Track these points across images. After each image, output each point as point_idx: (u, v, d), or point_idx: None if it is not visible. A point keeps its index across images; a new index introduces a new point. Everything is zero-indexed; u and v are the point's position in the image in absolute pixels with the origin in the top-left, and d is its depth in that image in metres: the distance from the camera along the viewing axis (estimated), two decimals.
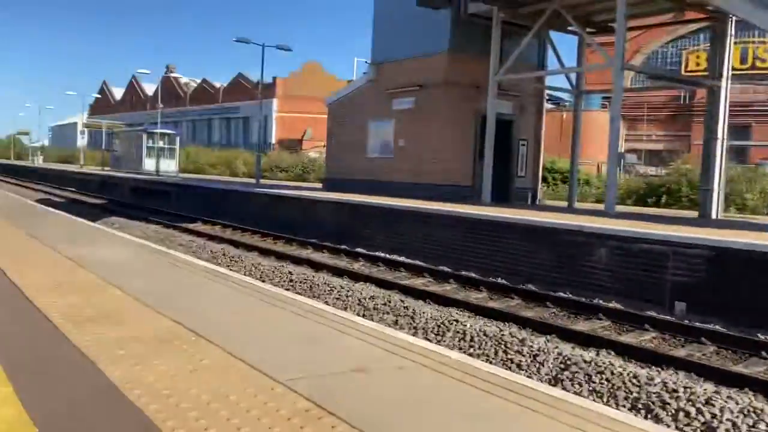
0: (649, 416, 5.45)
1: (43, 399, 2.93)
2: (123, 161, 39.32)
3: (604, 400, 5.80)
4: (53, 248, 7.52)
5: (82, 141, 62.32)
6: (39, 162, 66.72)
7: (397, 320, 8.52)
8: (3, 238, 8.22)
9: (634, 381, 5.96)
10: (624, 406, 5.64)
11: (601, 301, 9.79)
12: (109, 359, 3.52)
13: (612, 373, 6.16)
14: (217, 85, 65.40)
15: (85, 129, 57.30)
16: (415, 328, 8.17)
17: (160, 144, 36.37)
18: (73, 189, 35.88)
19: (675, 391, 5.66)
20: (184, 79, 69.45)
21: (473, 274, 11.90)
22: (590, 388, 6.04)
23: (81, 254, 7.17)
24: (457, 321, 8.08)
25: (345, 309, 9.16)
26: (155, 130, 37.18)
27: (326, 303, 9.38)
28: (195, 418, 2.78)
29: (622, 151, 42.25)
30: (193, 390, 3.12)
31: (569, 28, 18.44)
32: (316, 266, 12.54)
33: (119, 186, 31.47)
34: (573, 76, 19.49)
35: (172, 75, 64.24)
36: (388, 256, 13.72)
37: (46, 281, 5.55)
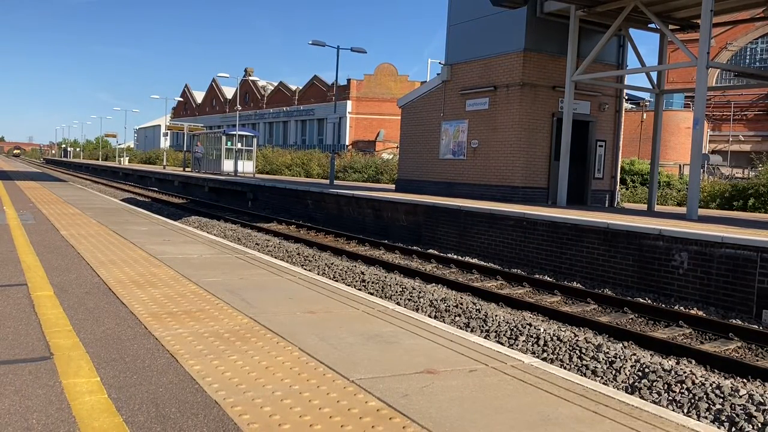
0: (733, 429, 5.21)
1: (126, 389, 3.06)
2: (203, 162, 40.59)
3: (685, 410, 5.59)
4: (136, 245, 7.84)
5: (165, 143, 64.77)
6: (125, 163, 69.78)
7: (468, 322, 8.47)
8: (91, 235, 8.64)
9: (717, 392, 5.71)
10: (706, 418, 5.42)
11: (681, 308, 9.45)
12: (189, 353, 3.64)
13: (693, 383, 5.93)
14: (293, 87, 66.72)
15: (168, 131, 59.49)
16: (487, 331, 8.10)
17: (239, 146, 37.34)
18: (156, 189, 37.31)
19: (762, 404, 5.40)
20: (261, 82, 71.18)
21: (548, 278, 11.71)
22: (669, 398, 5.83)
23: (162, 251, 7.45)
24: (530, 325, 7.95)
25: (416, 310, 9.18)
26: (234, 132, 38.19)
27: (398, 303, 9.41)
28: (269, 414, 2.85)
29: (706, 152, 40.66)
30: (268, 386, 3.19)
31: (650, 25, 17.88)
32: (389, 267, 12.60)
33: (199, 186, 32.51)
34: (654, 74, 18.87)
35: (250, 78, 65.88)
36: (460, 258, 13.65)
37: (130, 276, 5.79)
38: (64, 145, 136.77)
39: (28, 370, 3.25)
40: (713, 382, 5.91)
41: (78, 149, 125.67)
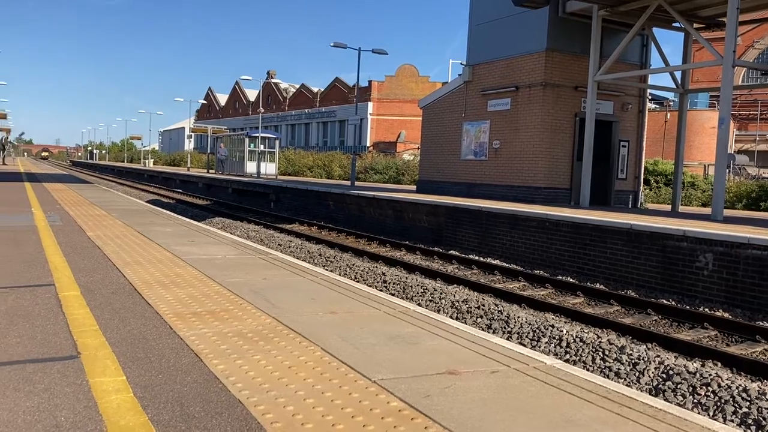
0: None
1: (152, 388, 3.10)
2: (226, 164, 40.92)
3: (710, 413, 5.52)
4: (161, 245, 7.93)
5: (189, 145, 65.34)
6: (149, 165, 70.49)
7: (490, 324, 8.44)
8: (117, 236, 8.75)
9: (744, 395, 5.64)
10: (732, 421, 5.36)
11: (706, 310, 9.34)
12: (213, 353, 3.68)
13: (719, 386, 5.86)
14: (315, 89, 66.99)
15: (192, 134, 60.03)
16: (509, 332, 8.07)
17: (261, 148, 37.58)
18: (180, 190, 37.66)
19: None
20: (283, 84, 71.55)
21: (570, 279, 11.63)
22: (694, 401, 5.77)
23: (187, 251, 7.53)
24: (552, 326, 7.91)
25: (438, 311, 9.17)
26: (256, 134, 38.44)
27: (419, 304, 9.42)
28: (292, 413, 2.87)
29: (732, 152, 40.08)
30: (291, 385, 3.22)
31: (674, 24, 17.69)
32: (410, 268, 12.60)
33: (222, 188, 32.76)
34: (678, 74, 18.66)
35: (273, 80, 66.21)
36: (482, 259, 13.61)
37: (155, 276, 5.86)
38: (90, 148, 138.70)
39: (56, 369, 3.31)
40: (740, 384, 5.83)
41: (104, 151, 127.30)
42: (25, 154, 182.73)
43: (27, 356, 3.49)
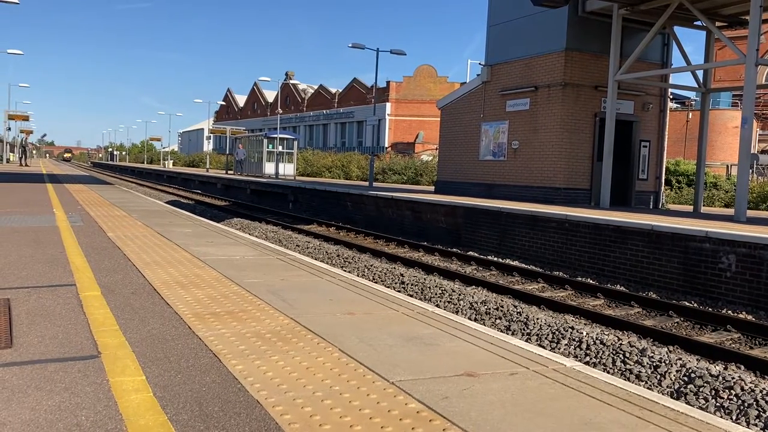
0: None
1: (171, 388, 3.11)
2: (245, 165, 41.14)
3: (733, 417, 5.45)
4: (180, 246, 7.98)
5: (208, 146, 65.83)
6: (169, 166, 71.02)
7: (509, 325, 8.40)
8: (136, 237, 8.82)
9: None
10: (756, 425, 5.27)
11: (729, 312, 9.21)
12: (232, 353, 3.69)
13: (742, 389, 5.77)
14: (333, 90, 67.15)
15: (211, 135, 60.46)
16: (528, 334, 8.02)
17: (280, 148, 37.72)
18: (199, 191, 37.91)
19: None
20: (302, 86, 71.79)
21: (590, 281, 11.54)
22: (717, 404, 5.69)
23: (205, 252, 7.57)
24: (572, 328, 7.85)
25: (456, 312, 9.14)
26: (275, 135, 38.60)
27: (437, 305, 9.39)
28: (310, 414, 2.87)
29: (755, 151, 39.52)
30: (309, 386, 3.21)
31: (695, 22, 17.49)
32: (428, 269, 12.58)
33: (241, 189, 32.92)
34: (700, 73, 18.45)
35: (291, 81, 66.47)
36: (500, 260, 13.55)
37: (175, 276, 5.90)
38: (110, 149, 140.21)
39: (77, 368, 3.34)
40: (763, 388, 5.74)
41: (124, 153, 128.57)
42: (47, 155, 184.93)
43: (48, 356, 3.52)
